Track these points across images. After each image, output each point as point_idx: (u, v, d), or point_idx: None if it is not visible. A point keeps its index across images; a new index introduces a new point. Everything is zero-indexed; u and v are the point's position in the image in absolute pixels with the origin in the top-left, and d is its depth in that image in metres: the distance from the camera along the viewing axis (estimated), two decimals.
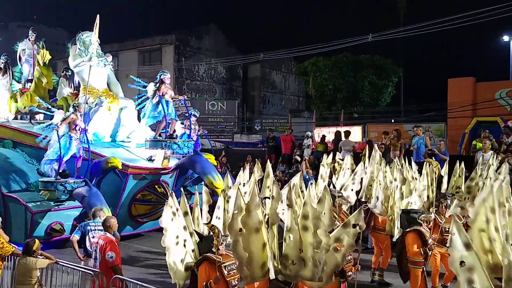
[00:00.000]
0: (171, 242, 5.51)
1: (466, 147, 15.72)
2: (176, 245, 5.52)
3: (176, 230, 5.55)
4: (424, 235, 7.03)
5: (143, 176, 11.53)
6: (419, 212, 7.26)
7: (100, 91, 12.70)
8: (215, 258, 5.31)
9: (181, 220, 5.65)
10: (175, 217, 5.62)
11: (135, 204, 11.70)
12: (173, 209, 5.63)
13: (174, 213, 5.63)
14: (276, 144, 18.38)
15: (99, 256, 6.22)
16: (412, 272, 7.03)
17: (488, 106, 18.05)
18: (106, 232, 6.42)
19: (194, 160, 11.80)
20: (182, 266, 5.54)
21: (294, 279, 5.05)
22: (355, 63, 30.51)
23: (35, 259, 6.42)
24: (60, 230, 10.61)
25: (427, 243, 7.02)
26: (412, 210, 7.37)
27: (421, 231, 7.04)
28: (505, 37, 27.97)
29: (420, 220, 7.11)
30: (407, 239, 7.08)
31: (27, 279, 6.33)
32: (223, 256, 5.40)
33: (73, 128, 10.66)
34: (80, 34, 12.84)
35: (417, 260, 6.98)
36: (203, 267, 5.34)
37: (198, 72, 36.76)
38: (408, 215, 7.26)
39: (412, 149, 13.88)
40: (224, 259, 5.35)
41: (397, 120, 24.87)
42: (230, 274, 5.30)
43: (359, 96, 30.73)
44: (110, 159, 10.89)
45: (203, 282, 5.23)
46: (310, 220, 4.79)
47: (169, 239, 5.50)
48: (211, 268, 5.26)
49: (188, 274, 5.58)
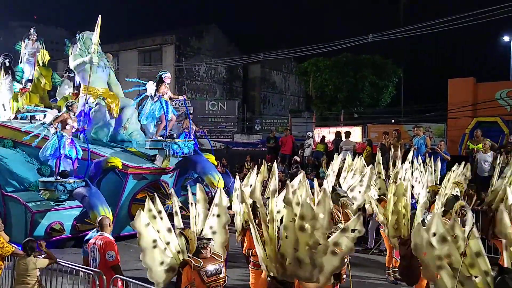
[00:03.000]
0: (147, 245, 5.54)
1: (466, 147, 15.72)
2: (153, 248, 5.55)
3: (153, 233, 5.56)
4: None
5: (143, 176, 11.53)
6: (425, 213, 7.26)
7: (100, 91, 12.69)
8: (195, 262, 5.33)
9: (164, 222, 5.66)
10: (155, 220, 5.64)
11: (135, 204, 11.70)
12: (152, 212, 5.64)
13: (155, 216, 5.64)
14: (276, 145, 18.39)
15: (98, 256, 6.21)
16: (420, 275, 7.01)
17: (488, 106, 18.04)
18: (103, 232, 6.41)
19: (194, 160, 11.81)
20: (162, 267, 5.56)
21: (291, 278, 5.06)
22: (355, 63, 30.47)
23: (34, 258, 6.41)
24: (60, 230, 10.62)
25: None
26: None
27: None
28: (505, 38, 27.94)
29: (427, 221, 7.09)
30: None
31: (26, 279, 6.33)
32: (206, 259, 5.40)
33: (65, 127, 10.64)
34: (81, 34, 12.85)
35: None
36: (185, 270, 5.39)
37: (199, 72, 36.76)
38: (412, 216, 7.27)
39: (413, 149, 13.87)
40: (206, 263, 5.35)
41: (397, 121, 24.84)
42: (210, 278, 5.31)
43: (359, 96, 30.70)
44: (110, 159, 10.90)
45: (184, 285, 5.30)
46: (307, 220, 4.80)
47: (144, 242, 5.55)
48: (191, 272, 5.30)
49: (170, 275, 5.61)
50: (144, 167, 11.54)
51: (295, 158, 16.31)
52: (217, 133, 29.08)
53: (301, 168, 15.25)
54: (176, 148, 11.72)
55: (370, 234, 11.03)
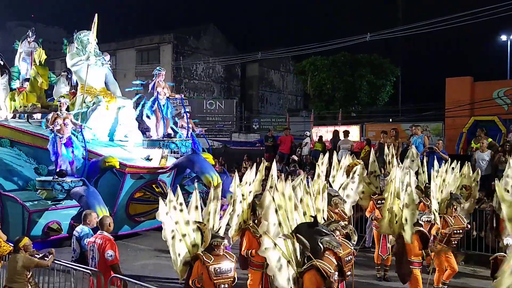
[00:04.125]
0: (167, 236, 5.62)
1: (463, 146, 15.73)
2: (172, 239, 5.61)
3: (171, 224, 5.61)
4: (425, 236, 7.06)
5: (140, 175, 11.51)
6: (421, 213, 7.29)
7: (97, 90, 12.68)
8: (205, 257, 5.34)
9: (183, 214, 5.69)
10: (175, 211, 5.68)
11: (133, 203, 11.69)
12: (173, 203, 5.68)
13: (175, 207, 5.68)
14: (275, 144, 18.37)
15: (97, 255, 6.20)
16: (412, 272, 7.05)
17: (486, 105, 18.07)
18: (103, 231, 6.40)
19: (192, 159, 11.80)
20: (179, 259, 5.60)
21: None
22: (353, 62, 30.50)
23: (21, 256, 6.31)
24: (57, 229, 10.60)
25: (428, 244, 7.05)
26: None
27: (422, 232, 7.07)
28: (502, 37, 28.01)
29: (422, 221, 7.13)
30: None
31: (15, 277, 6.26)
32: (218, 257, 5.39)
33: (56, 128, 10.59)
34: (78, 33, 12.82)
35: (417, 261, 7.02)
36: (196, 264, 5.42)
37: (196, 71, 36.74)
38: None
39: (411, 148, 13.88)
40: (217, 260, 5.35)
41: (395, 120, 24.87)
42: (219, 276, 5.29)
43: (357, 95, 30.73)
44: (108, 158, 10.89)
45: (192, 279, 5.32)
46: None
47: (166, 233, 5.63)
48: (201, 266, 5.32)
49: (185, 268, 5.64)
50: (141, 166, 11.52)
51: (293, 157, 16.30)
52: (215, 132, 29.08)
53: (299, 167, 15.25)
54: (173, 147, 11.69)
55: (368, 233, 11.04)
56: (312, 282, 4.84)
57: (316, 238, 4.93)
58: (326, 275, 4.80)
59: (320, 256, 4.93)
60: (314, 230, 4.99)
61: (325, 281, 4.80)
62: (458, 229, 7.77)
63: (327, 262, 4.96)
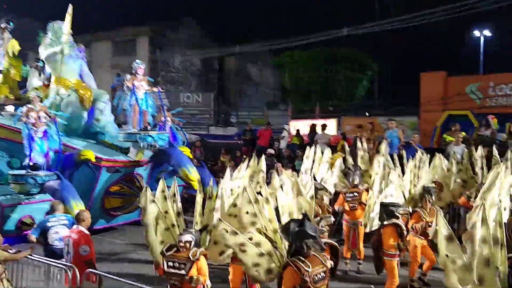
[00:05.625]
0: (149, 222, 5.83)
1: (438, 140, 16.02)
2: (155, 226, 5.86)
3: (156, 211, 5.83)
4: (401, 228, 7.18)
5: (116, 169, 11.39)
6: (397, 205, 7.40)
7: (72, 83, 12.45)
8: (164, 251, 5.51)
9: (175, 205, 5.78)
10: (166, 201, 5.90)
11: (109, 197, 11.57)
12: (165, 193, 5.78)
13: (166, 197, 5.75)
14: (253, 137, 18.37)
15: (72, 250, 6.12)
16: (387, 263, 7.21)
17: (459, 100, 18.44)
18: (79, 226, 6.33)
19: (168, 152, 11.73)
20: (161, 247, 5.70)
21: None
22: (331, 56, 30.70)
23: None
24: (31, 224, 10.35)
25: (404, 236, 7.18)
26: (390, 204, 7.50)
27: (398, 224, 7.20)
28: (476, 32, 28.55)
29: (398, 214, 7.25)
30: (384, 232, 7.22)
31: None
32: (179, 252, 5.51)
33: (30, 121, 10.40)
34: (52, 24, 12.56)
35: (393, 252, 7.14)
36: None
37: (173, 64, 36.38)
38: (387, 208, 7.40)
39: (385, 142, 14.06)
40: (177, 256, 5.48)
41: (371, 114, 25.17)
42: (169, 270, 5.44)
43: (335, 89, 30.97)
44: (83, 152, 10.74)
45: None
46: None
47: (147, 219, 5.84)
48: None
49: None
50: (117, 160, 11.40)
51: (269, 151, 16.31)
52: (192, 126, 28.90)
53: (277, 160, 15.33)
54: (150, 141, 11.61)
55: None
56: (289, 279, 4.88)
57: (301, 238, 4.95)
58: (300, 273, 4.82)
59: (303, 254, 4.95)
60: (300, 230, 4.99)
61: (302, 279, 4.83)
62: (431, 221, 7.88)
63: (311, 261, 4.94)
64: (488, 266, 3.58)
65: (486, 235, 3.63)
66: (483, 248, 3.61)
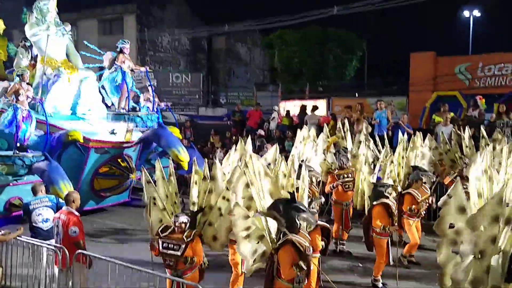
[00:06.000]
0: (147, 201, 6.03)
1: (426, 121, 16.09)
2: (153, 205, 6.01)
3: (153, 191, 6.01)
4: (390, 207, 7.26)
5: (105, 149, 11.31)
6: (386, 185, 7.46)
7: (58, 62, 12.26)
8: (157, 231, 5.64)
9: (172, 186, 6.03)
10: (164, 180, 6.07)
11: (98, 178, 11.51)
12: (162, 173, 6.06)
13: (164, 177, 6.04)
14: (242, 118, 18.32)
15: (62, 231, 6.10)
16: (377, 242, 7.30)
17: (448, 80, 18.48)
18: (68, 207, 6.29)
19: (158, 133, 11.65)
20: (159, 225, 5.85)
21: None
22: (321, 37, 30.53)
23: None
24: (19, 205, 10.30)
25: (393, 215, 7.26)
26: (379, 184, 7.57)
27: (387, 204, 7.28)
28: (465, 13, 28.55)
29: (387, 193, 7.32)
30: (374, 212, 7.30)
31: None
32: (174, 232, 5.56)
33: (18, 99, 10.26)
34: (37, 2, 12.28)
35: (381, 231, 7.22)
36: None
37: (162, 43, 35.92)
38: (375, 188, 7.47)
39: (374, 122, 14.12)
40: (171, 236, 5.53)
41: (361, 94, 25.19)
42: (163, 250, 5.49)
43: (325, 70, 30.89)
44: (71, 132, 10.63)
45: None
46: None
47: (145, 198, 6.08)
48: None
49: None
50: (106, 141, 11.30)
51: (259, 132, 16.29)
52: (181, 106, 28.72)
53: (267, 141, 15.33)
54: (139, 121, 11.51)
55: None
56: (288, 256, 4.87)
57: (294, 214, 4.96)
58: (301, 249, 4.86)
59: (295, 231, 4.98)
60: (292, 206, 5.00)
61: (301, 255, 4.85)
62: (425, 200, 8.18)
63: (303, 237, 5.02)
64: (493, 243, 3.63)
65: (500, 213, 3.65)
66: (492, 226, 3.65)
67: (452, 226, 3.97)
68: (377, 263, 7.38)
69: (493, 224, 3.65)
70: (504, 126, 12.19)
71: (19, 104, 10.22)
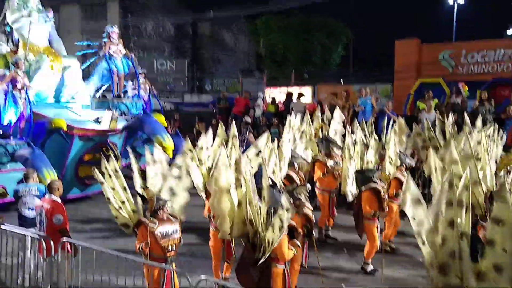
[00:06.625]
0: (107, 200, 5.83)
1: (411, 107, 16.23)
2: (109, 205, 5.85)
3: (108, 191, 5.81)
4: (379, 192, 7.31)
5: (89, 137, 11.22)
6: (374, 170, 7.53)
7: (41, 49, 12.07)
8: (149, 223, 5.38)
9: (119, 181, 5.80)
10: (110, 178, 5.83)
11: (82, 166, 11.43)
12: (108, 171, 5.82)
13: (110, 175, 5.81)
14: (228, 105, 18.25)
15: (45, 219, 6.06)
16: (367, 228, 7.37)
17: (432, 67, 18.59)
18: (51, 195, 6.24)
19: (143, 120, 11.60)
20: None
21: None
22: (307, 24, 30.44)
23: None
24: (2, 193, 10.22)
25: (383, 200, 7.32)
26: (367, 170, 7.64)
27: (376, 189, 7.32)
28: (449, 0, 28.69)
29: (375, 178, 7.38)
30: (363, 197, 7.37)
31: None
32: (161, 220, 5.45)
33: (16, 87, 10.15)
34: None
35: (371, 216, 7.30)
36: (139, 230, 5.46)
37: (146, 29, 35.48)
38: (363, 174, 7.53)
39: (358, 109, 14.21)
40: (161, 224, 5.42)
41: (346, 81, 25.25)
42: (165, 239, 5.41)
43: (310, 56, 30.86)
44: (54, 120, 10.53)
45: (139, 244, 5.37)
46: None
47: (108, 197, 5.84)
48: (144, 232, 5.35)
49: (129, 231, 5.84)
50: (90, 128, 11.21)
51: (245, 119, 16.26)
52: (166, 93, 28.53)
53: (253, 128, 15.34)
54: (124, 109, 11.42)
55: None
56: (285, 240, 5.07)
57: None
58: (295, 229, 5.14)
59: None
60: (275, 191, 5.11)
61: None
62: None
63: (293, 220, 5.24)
64: (452, 227, 3.70)
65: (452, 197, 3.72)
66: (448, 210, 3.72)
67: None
68: (368, 248, 7.43)
69: (449, 209, 3.72)
70: (486, 113, 12.37)
71: (16, 92, 10.12)
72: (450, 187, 3.73)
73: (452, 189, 3.74)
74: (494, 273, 3.51)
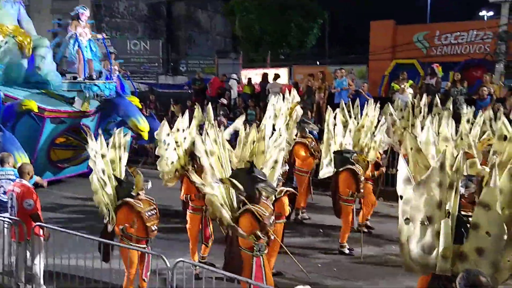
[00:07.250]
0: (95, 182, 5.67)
1: (385, 89, 16.36)
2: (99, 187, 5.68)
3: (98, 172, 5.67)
4: (356, 173, 7.35)
5: (61, 119, 10.98)
6: (352, 152, 7.54)
7: (10, 29, 11.65)
8: (135, 203, 5.37)
9: (99, 162, 5.62)
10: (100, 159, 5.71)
11: (55, 149, 11.22)
12: (93, 152, 5.69)
13: (95, 155, 5.66)
14: (203, 87, 18.06)
15: (16, 204, 5.92)
16: (343, 209, 7.42)
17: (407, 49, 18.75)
18: (22, 179, 6.09)
19: (116, 102, 11.40)
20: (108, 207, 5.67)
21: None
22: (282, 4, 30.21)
23: None
24: None
25: (360, 181, 7.36)
26: (344, 151, 7.63)
27: (353, 170, 7.36)
28: None
29: (353, 160, 7.41)
30: (340, 178, 7.40)
31: None
32: (143, 201, 5.48)
33: None
34: None
35: (348, 198, 7.35)
36: (122, 211, 5.42)
37: (118, 8, 34.67)
38: (341, 155, 7.53)
39: (334, 91, 14.24)
40: (145, 205, 5.44)
41: (322, 62, 25.28)
42: (149, 219, 5.43)
43: (286, 38, 30.69)
44: (25, 102, 10.28)
45: (121, 225, 5.33)
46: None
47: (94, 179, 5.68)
48: (130, 213, 5.34)
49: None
50: (62, 110, 10.98)
51: (222, 101, 16.15)
52: (140, 74, 28.05)
53: (229, 110, 15.24)
54: (96, 90, 11.19)
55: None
56: (247, 226, 4.93)
57: (252, 184, 4.98)
58: (260, 218, 4.91)
59: (256, 201, 5.03)
60: (251, 176, 5.02)
61: (260, 224, 4.91)
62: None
63: (263, 207, 5.07)
64: (440, 208, 3.74)
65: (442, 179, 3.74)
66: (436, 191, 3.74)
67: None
68: (343, 229, 7.51)
69: (438, 190, 3.75)
70: (458, 93, 12.55)
71: None
72: (441, 169, 3.75)
73: (443, 170, 3.75)
74: (476, 255, 3.57)
